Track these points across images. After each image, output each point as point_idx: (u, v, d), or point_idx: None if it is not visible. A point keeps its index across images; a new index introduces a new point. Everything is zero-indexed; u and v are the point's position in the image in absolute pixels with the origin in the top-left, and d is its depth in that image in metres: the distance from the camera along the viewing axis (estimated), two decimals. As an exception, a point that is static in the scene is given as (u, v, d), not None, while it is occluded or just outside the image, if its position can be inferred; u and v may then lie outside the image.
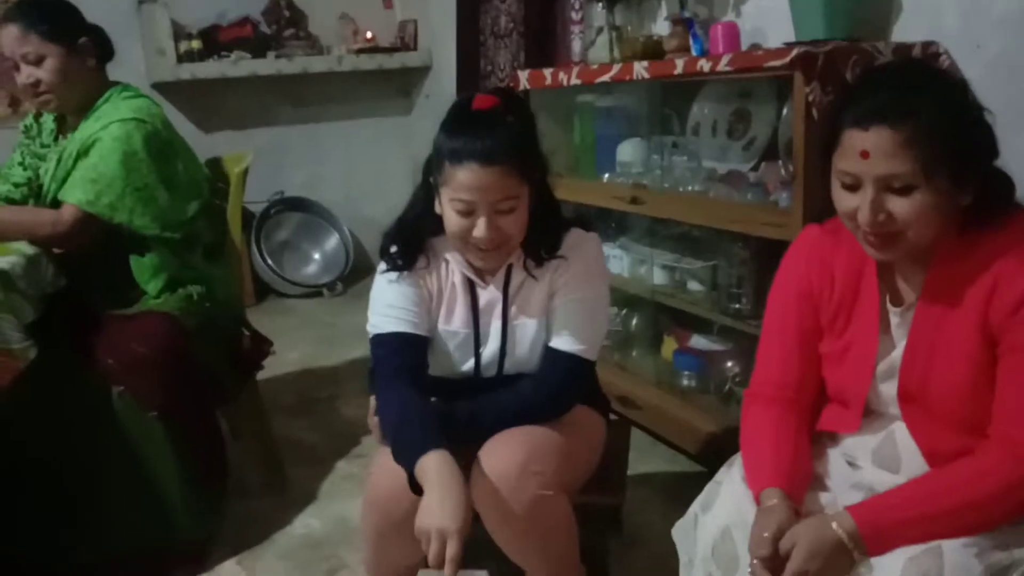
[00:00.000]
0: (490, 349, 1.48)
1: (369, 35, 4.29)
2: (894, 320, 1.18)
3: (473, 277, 1.47)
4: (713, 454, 2.07)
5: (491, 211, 1.32)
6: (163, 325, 1.85)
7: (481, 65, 3.59)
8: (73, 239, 1.87)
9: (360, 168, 4.50)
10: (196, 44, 3.91)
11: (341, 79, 4.27)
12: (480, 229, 1.32)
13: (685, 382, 2.35)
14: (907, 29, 1.96)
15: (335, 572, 1.88)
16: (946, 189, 1.04)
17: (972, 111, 1.07)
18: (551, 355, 1.45)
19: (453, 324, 1.48)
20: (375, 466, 1.41)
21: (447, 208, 1.36)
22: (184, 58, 3.87)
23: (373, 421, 1.46)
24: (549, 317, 1.46)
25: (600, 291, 1.49)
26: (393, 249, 1.46)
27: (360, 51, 4.22)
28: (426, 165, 1.41)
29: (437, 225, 1.40)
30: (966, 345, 1.08)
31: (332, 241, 4.37)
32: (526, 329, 1.47)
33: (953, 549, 0.98)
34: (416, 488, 1.24)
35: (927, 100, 1.03)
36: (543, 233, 1.44)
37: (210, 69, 3.91)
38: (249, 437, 2.29)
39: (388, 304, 1.44)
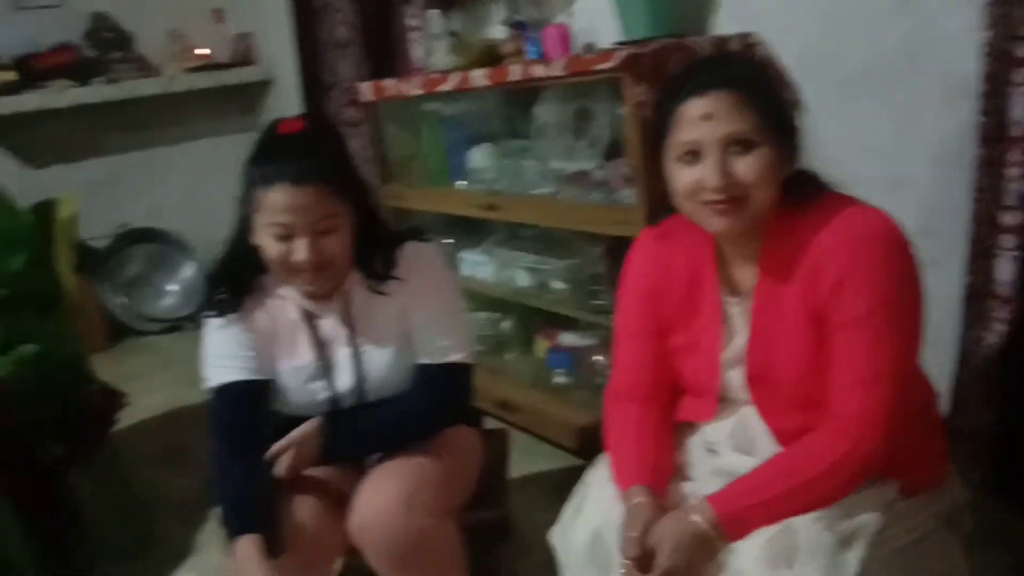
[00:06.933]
0: (344, 378, 1.43)
1: (203, 51, 4.09)
2: (735, 310, 1.23)
3: (311, 308, 1.41)
4: (592, 448, 2.11)
5: (311, 232, 1.27)
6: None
7: (324, 76, 3.50)
8: None
9: (207, 191, 4.22)
10: (11, 75, 3.59)
11: (176, 100, 4.05)
12: (300, 251, 1.27)
13: (559, 379, 2.39)
14: (725, 22, 2.05)
15: (218, 627, 1.79)
16: (779, 150, 1.10)
17: (785, 88, 1.16)
18: (426, 371, 1.41)
19: (297, 359, 1.41)
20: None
21: (264, 236, 1.30)
22: (-2, 91, 3.56)
23: None
24: (411, 338, 1.42)
25: (451, 295, 1.46)
26: (217, 293, 1.39)
27: (194, 69, 4.02)
28: (239, 200, 1.34)
29: (262, 263, 1.34)
30: (800, 325, 1.14)
31: (188, 271, 4.15)
32: (379, 354, 1.42)
33: (804, 526, 1.03)
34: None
35: (750, 71, 1.16)
36: (374, 250, 1.39)
37: (29, 101, 3.60)
38: (112, 496, 2.15)
39: (221, 354, 1.38)
